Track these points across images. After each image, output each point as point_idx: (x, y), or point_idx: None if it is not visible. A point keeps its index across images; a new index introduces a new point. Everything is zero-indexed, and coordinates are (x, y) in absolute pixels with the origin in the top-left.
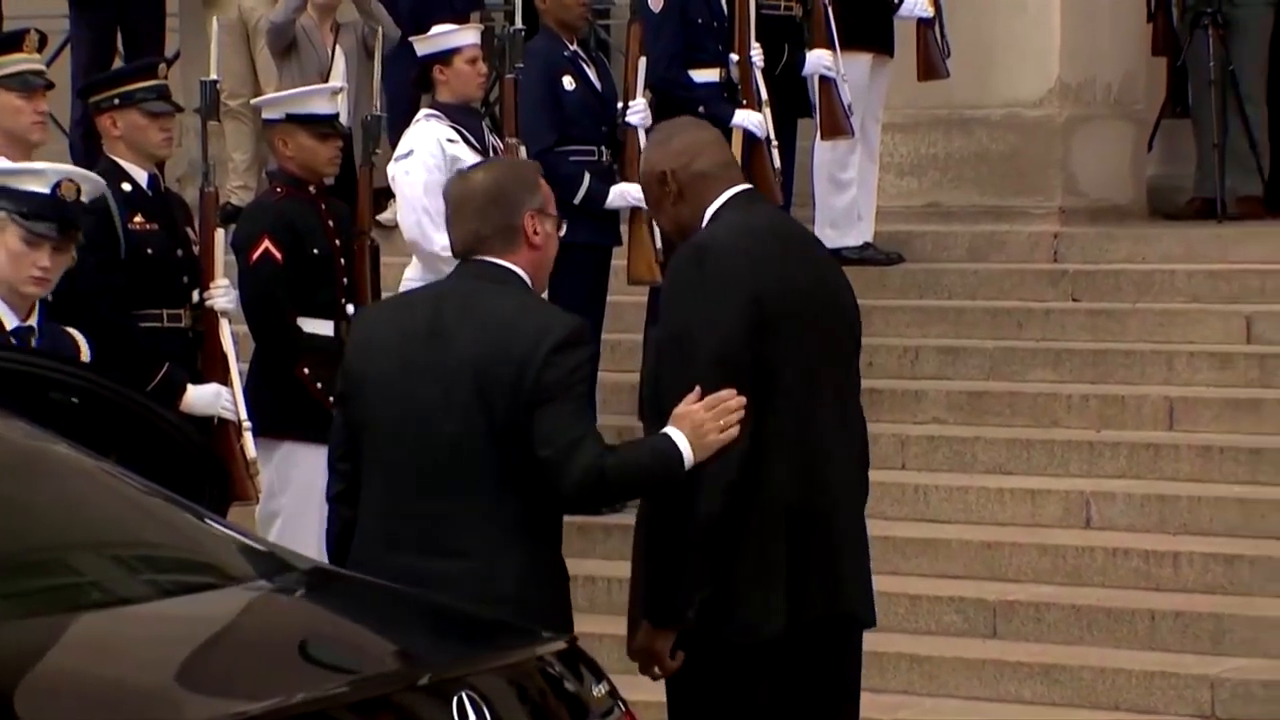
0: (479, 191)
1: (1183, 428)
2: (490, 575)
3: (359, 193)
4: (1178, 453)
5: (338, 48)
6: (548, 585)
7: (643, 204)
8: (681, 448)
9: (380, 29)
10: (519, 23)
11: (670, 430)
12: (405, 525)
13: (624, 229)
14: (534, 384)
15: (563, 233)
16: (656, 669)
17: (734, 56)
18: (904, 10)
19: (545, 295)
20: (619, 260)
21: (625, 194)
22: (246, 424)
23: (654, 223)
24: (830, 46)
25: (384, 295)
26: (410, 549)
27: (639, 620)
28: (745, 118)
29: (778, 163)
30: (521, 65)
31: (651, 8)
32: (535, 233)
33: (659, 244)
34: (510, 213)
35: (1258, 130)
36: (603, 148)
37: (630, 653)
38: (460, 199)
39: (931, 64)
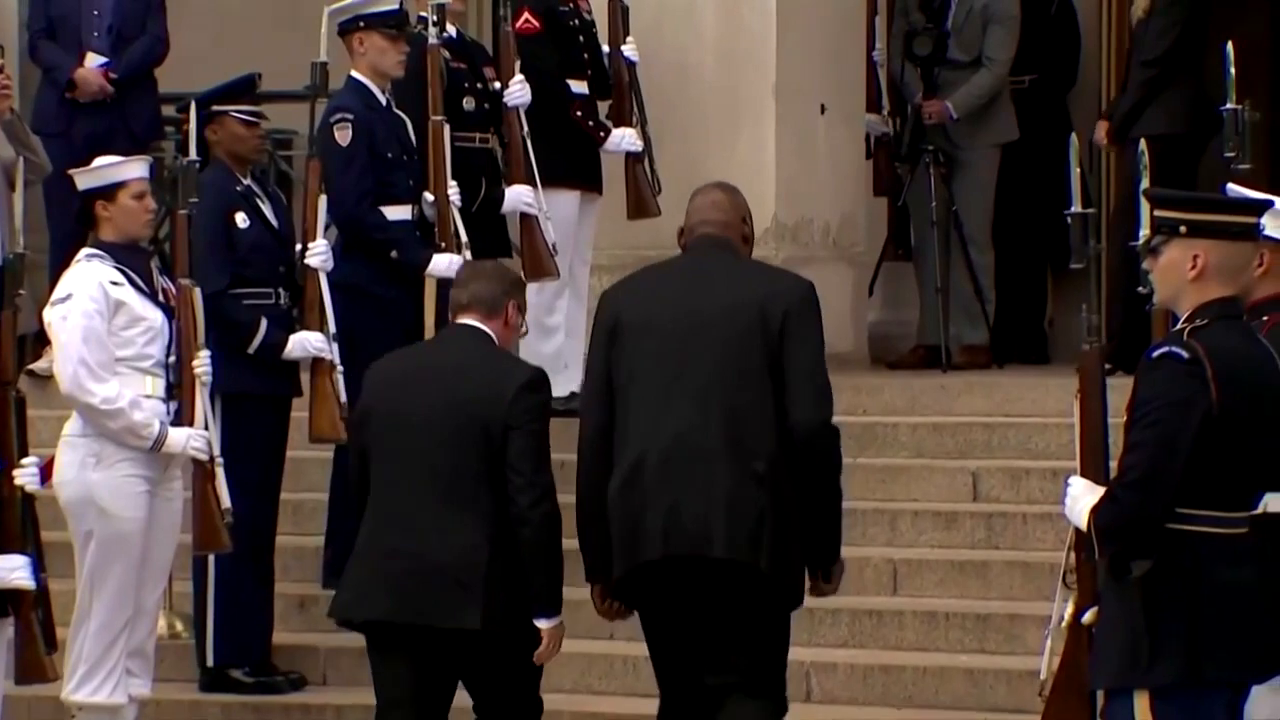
0: (488, 270)
1: (907, 592)
2: (475, 548)
3: (0, 339)
4: (902, 619)
5: None
6: (510, 560)
7: (325, 353)
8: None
9: (25, 158)
10: (193, 153)
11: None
12: (413, 512)
13: (305, 380)
14: (506, 415)
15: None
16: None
17: (429, 195)
18: (611, 144)
19: None
20: (299, 412)
21: (305, 343)
22: None
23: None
24: (531, 181)
25: (30, 452)
26: (416, 530)
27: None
28: (443, 264)
29: None
30: (196, 200)
31: (338, 141)
32: (512, 318)
33: (344, 397)
34: (501, 293)
35: (983, 275)
36: (280, 290)
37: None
38: (471, 271)
39: (642, 201)
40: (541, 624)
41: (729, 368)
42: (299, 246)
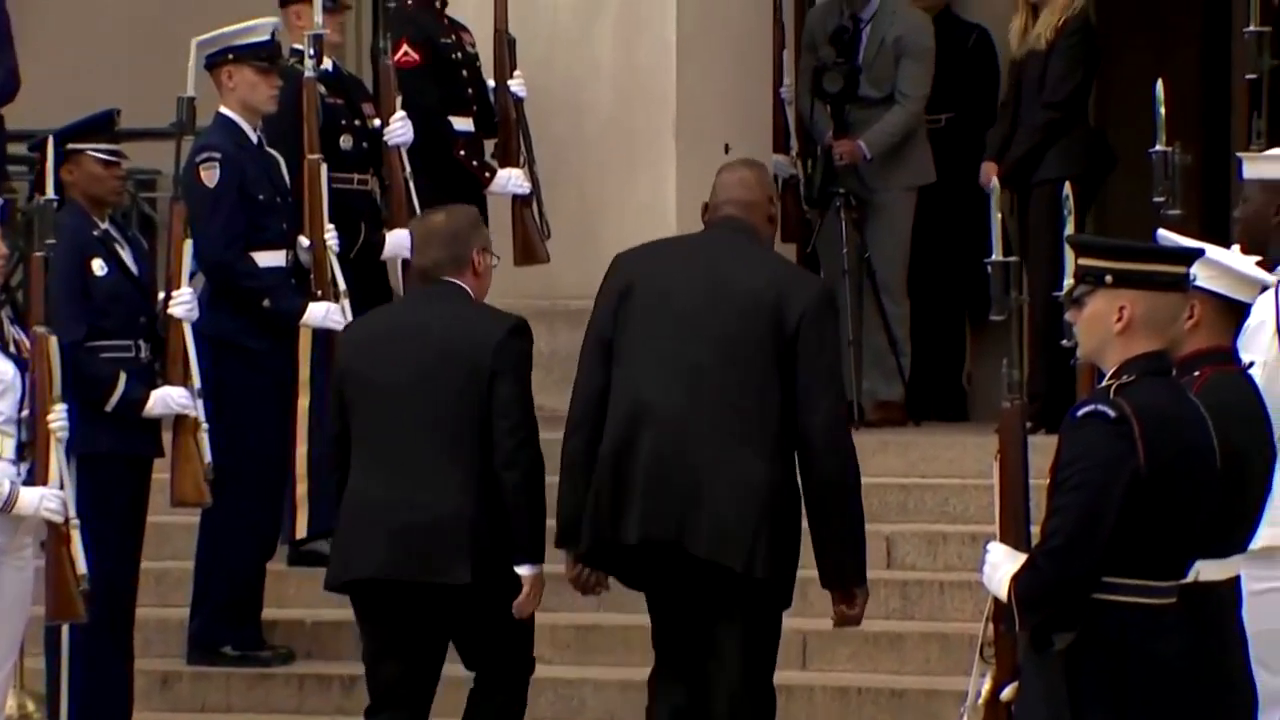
0: (440, 230)
1: (817, 665)
2: (458, 497)
3: None
4: (811, 695)
5: None
6: (496, 514)
7: (189, 410)
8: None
9: None
10: (50, 192)
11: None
12: (398, 469)
13: (168, 439)
14: (493, 362)
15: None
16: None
17: (304, 239)
18: (497, 185)
19: None
20: (161, 473)
21: (168, 399)
22: None
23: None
24: None
25: None
26: (403, 487)
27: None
28: (319, 314)
29: None
30: (53, 242)
31: (205, 182)
32: (480, 265)
33: (209, 458)
34: (464, 247)
35: (897, 327)
36: (141, 342)
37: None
38: (424, 235)
39: (530, 247)
40: (524, 571)
41: (736, 362)
42: (162, 295)
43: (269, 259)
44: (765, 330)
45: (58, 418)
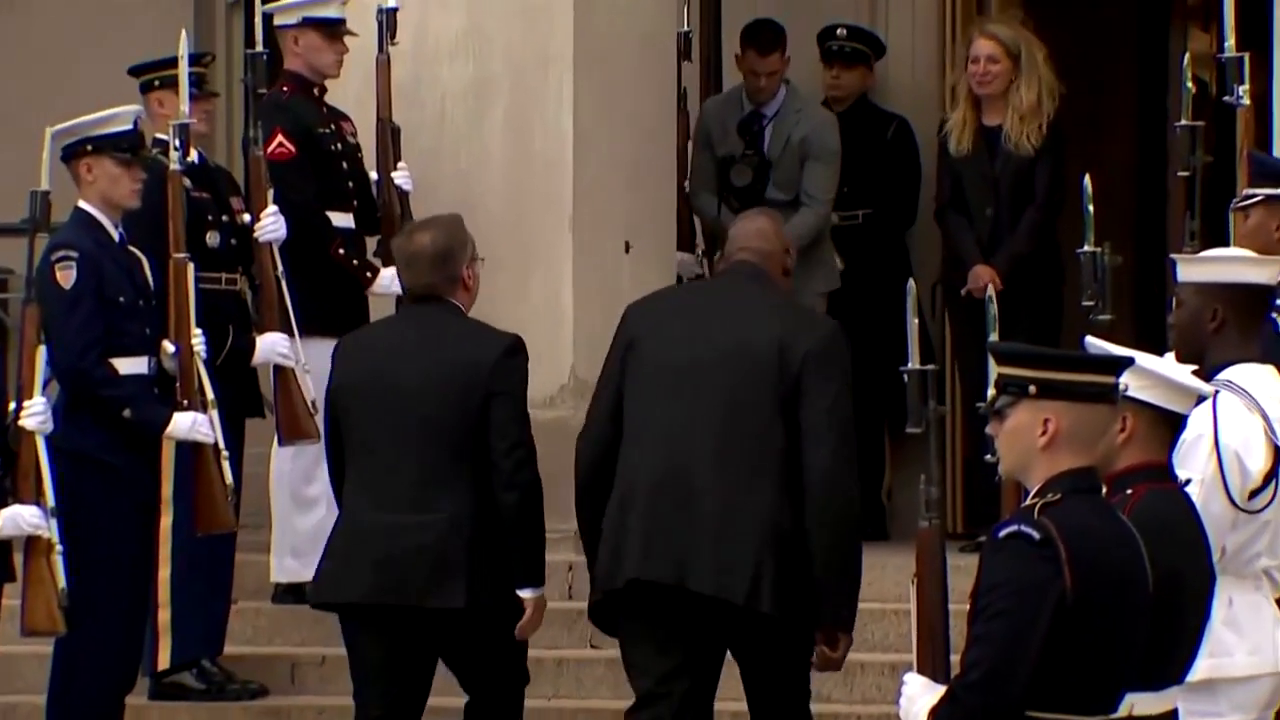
0: (428, 252)
1: None
2: (457, 525)
3: None
4: None
5: None
6: (494, 539)
7: (42, 531)
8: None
9: None
10: None
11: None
12: (392, 489)
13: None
14: (489, 381)
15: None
16: None
17: (169, 345)
18: (380, 286)
19: None
20: (11, 600)
21: (18, 519)
22: None
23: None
24: (286, 329)
25: None
26: (396, 508)
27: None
28: (185, 425)
29: (229, 477)
30: None
31: (60, 283)
32: (470, 278)
33: (63, 582)
34: (454, 266)
35: None
36: None
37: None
38: (411, 257)
39: None
40: (525, 594)
41: (739, 403)
42: (13, 405)
43: (130, 366)
44: (769, 373)
45: None
